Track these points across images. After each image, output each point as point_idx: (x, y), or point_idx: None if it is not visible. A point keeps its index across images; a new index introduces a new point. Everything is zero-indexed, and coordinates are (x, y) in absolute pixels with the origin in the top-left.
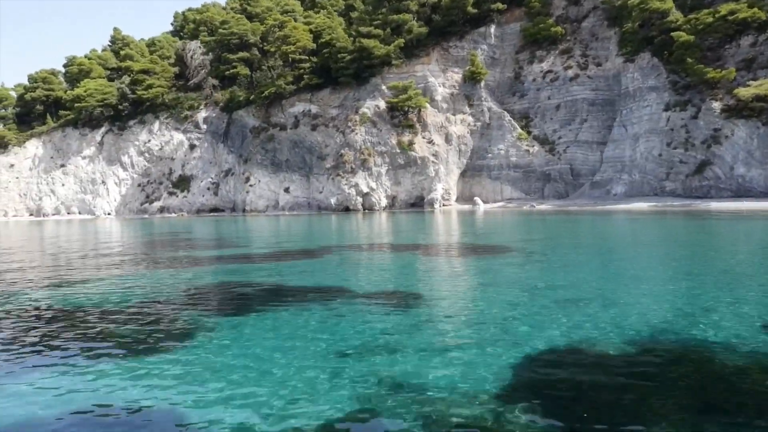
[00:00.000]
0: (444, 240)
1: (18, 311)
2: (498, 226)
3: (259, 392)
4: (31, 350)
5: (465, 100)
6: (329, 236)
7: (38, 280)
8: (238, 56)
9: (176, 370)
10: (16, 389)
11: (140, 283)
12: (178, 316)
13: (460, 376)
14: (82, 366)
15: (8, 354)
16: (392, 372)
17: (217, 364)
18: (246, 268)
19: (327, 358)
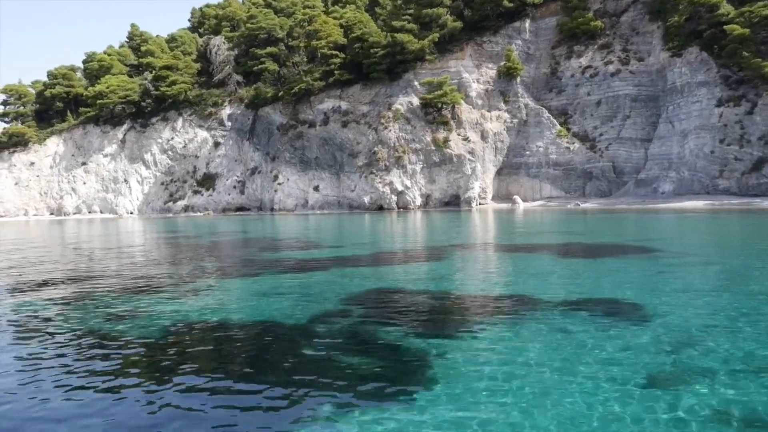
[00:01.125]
0: (553, 239)
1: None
2: (573, 224)
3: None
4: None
5: (500, 97)
6: (409, 235)
7: (189, 298)
8: (266, 51)
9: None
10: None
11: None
12: (395, 338)
13: None
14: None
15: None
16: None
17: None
18: (385, 271)
19: (625, 384)
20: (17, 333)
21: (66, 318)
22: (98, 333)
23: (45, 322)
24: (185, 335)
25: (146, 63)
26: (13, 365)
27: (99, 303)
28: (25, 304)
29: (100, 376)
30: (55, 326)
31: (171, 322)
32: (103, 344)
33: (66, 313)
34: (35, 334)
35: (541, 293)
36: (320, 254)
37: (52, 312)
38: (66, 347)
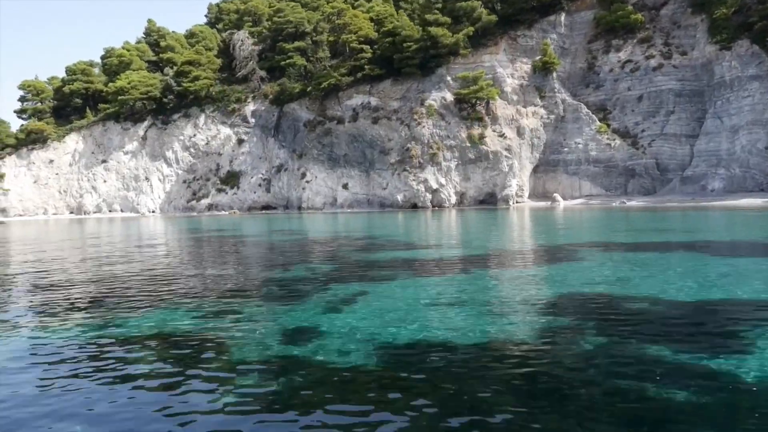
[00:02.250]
0: (664, 237)
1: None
2: (649, 222)
3: None
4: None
5: (535, 92)
6: (491, 235)
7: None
8: (293, 46)
9: None
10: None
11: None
12: (679, 359)
13: None
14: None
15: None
16: None
17: None
18: (540, 274)
19: None
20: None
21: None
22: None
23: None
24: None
25: (166, 58)
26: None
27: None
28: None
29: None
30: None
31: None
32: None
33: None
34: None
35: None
36: (435, 254)
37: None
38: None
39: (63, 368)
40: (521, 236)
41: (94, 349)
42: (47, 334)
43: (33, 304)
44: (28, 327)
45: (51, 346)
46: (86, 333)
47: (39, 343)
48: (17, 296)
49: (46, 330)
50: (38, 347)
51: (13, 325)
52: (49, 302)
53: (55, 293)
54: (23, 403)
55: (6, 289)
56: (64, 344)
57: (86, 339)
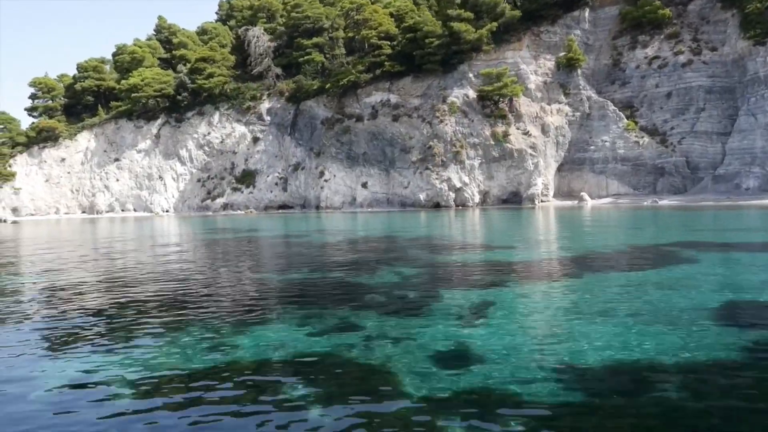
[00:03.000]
0: (723, 237)
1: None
2: (705, 221)
3: None
4: None
5: (560, 89)
6: (550, 235)
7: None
8: (312, 42)
9: None
10: None
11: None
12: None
13: None
14: None
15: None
16: None
17: None
18: (666, 278)
19: None
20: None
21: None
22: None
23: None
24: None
25: (179, 55)
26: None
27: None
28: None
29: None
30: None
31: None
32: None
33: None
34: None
35: None
36: (522, 256)
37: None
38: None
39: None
40: (593, 236)
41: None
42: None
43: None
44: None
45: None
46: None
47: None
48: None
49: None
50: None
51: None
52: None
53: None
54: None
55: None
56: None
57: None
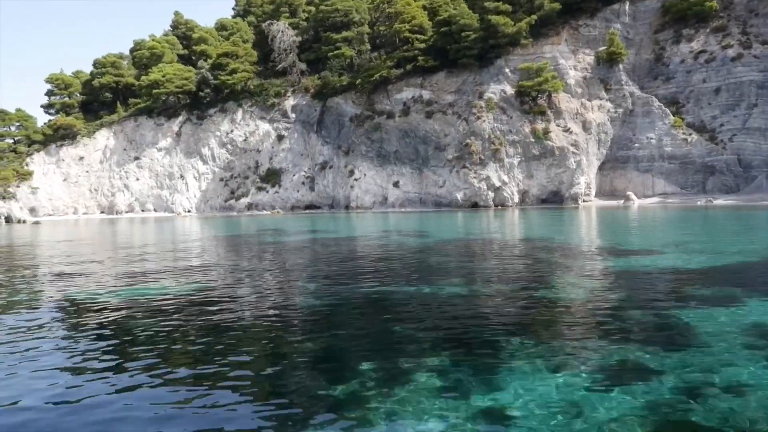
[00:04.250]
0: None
1: None
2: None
3: None
4: None
5: (600, 84)
6: (652, 237)
7: None
8: (342, 36)
9: None
10: None
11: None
12: None
13: None
14: None
15: None
16: None
17: None
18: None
19: None
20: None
21: None
22: None
23: None
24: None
25: (200, 51)
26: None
27: None
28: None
29: None
30: None
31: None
32: None
33: None
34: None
35: None
36: (666, 262)
37: None
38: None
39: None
40: (711, 238)
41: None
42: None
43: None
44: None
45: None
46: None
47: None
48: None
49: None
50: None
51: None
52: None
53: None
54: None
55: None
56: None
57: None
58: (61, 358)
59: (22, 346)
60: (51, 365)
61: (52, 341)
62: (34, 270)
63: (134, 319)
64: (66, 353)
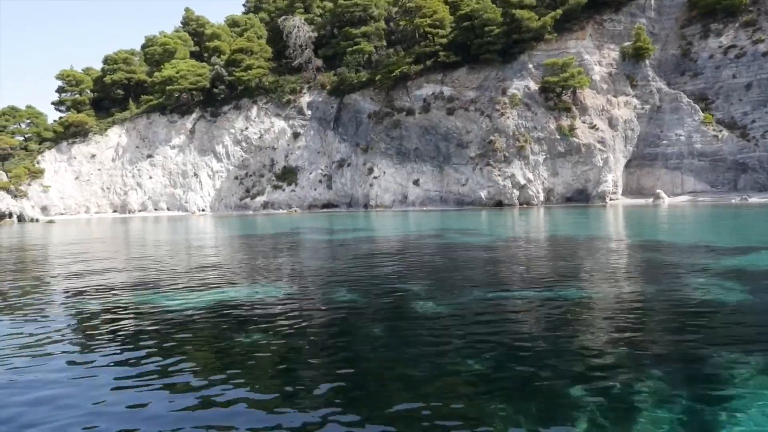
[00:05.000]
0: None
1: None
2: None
3: None
4: None
5: (626, 80)
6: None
7: None
8: (361, 30)
9: None
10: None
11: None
12: None
13: None
14: None
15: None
16: None
17: None
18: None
19: None
20: None
21: None
22: None
23: None
24: None
25: (213, 47)
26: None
27: None
28: None
29: None
30: None
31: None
32: None
33: None
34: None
35: None
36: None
37: None
38: None
39: None
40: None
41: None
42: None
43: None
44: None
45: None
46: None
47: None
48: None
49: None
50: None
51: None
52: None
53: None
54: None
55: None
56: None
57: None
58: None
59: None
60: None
61: (105, 354)
62: (59, 273)
63: (170, 326)
64: (110, 360)
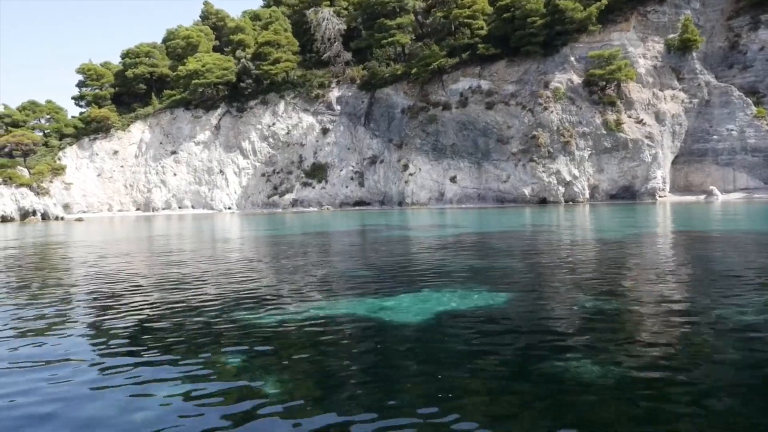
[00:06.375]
0: None
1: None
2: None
3: None
4: None
5: (672, 74)
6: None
7: None
8: (396, 22)
9: None
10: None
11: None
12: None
13: None
14: None
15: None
16: None
17: None
18: None
19: None
20: None
21: None
22: None
23: None
24: None
25: (237, 40)
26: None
27: None
28: None
29: None
30: None
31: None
32: None
33: None
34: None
35: None
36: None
37: None
38: None
39: None
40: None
41: None
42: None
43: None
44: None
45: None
46: None
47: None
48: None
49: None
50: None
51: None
52: None
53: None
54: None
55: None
56: None
57: None
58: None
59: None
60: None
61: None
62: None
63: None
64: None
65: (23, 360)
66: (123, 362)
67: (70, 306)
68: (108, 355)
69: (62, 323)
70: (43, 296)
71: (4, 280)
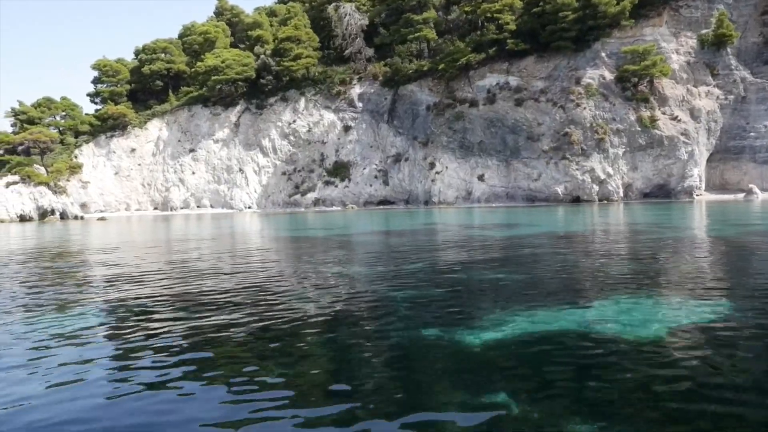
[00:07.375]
0: None
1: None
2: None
3: None
4: None
5: (706, 70)
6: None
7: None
8: (423, 17)
9: None
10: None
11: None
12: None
13: None
14: None
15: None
16: None
17: None
18: None
19: None
20: None
21: None
22: None
23: None
24: None
25: (255, 36)
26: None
27: None
28: None
29: None
30: None
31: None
32: None
33: None
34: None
35: None
36: None
37: None
38: None
39: None
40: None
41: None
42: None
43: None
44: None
45: None
46: None
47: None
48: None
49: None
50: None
51: None
52: None
53: None
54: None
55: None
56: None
57: None
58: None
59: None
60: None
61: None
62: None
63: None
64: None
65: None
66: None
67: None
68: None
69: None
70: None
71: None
